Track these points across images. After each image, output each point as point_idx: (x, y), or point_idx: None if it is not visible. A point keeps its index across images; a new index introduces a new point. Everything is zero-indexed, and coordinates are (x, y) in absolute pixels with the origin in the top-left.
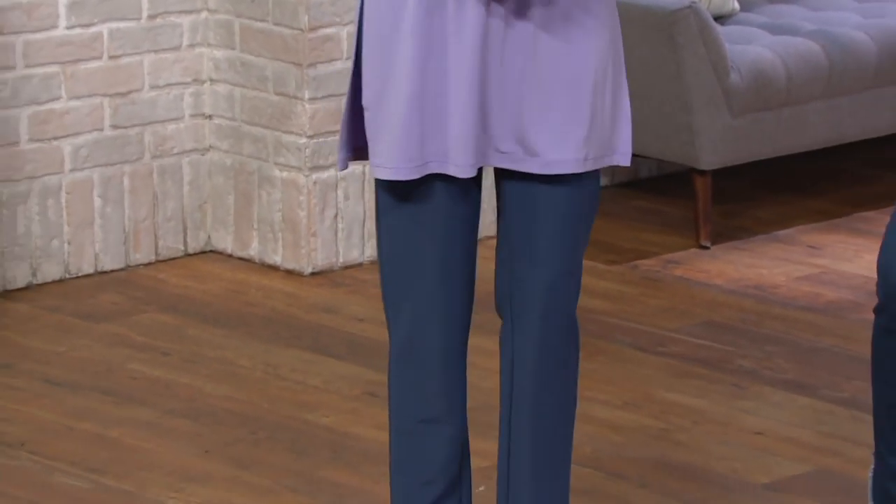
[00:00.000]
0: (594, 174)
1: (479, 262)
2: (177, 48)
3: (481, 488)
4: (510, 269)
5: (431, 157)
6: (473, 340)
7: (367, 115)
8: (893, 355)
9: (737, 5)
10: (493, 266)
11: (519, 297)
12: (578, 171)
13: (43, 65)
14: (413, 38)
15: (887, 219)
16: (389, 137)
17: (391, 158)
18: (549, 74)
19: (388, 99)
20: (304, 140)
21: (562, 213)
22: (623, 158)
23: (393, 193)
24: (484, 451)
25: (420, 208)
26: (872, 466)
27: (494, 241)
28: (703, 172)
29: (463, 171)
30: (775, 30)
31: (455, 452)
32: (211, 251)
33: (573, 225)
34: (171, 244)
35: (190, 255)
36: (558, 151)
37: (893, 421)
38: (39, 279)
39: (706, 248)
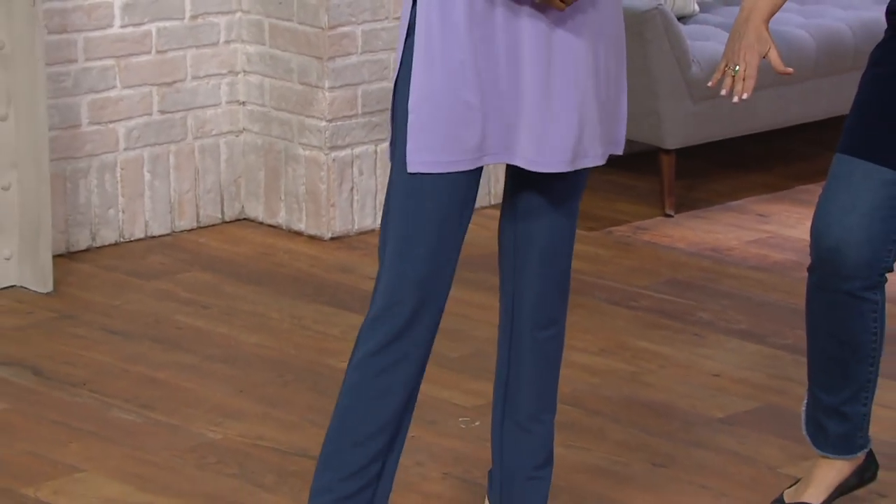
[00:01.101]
0: None
1: (471, 228)
2: (215, 44)
3: (476, 423)
4: (516, 230)
5: (492, 151)
6: (470, 296)
7: (411, 117)
8: (823, 308)
9: (696, 7)
10: (485, 233)
11: (525, 252)
12: (598, 164)
13: (100, 58)
14: (465, 45)
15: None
16: (449, 133)
17: (454, 151)
18: (581, 75)
19: (441, 100)
20: (324, 123)
21: (569, 193)
22: (619, 149)
23: (423, 178)
24: (479, 391)
25: (443, 191)
26: (805, 401)
27: (486, 211)
28: (667, 151)
29: (552, 166)
30: (729, 28)
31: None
32: (244, 219)
33: (574, 201)
34: (210, 213)
35: (226, 222)
36: (595, 146)
37: (822, 364)
38: (98, 243)
39: (670, 216)
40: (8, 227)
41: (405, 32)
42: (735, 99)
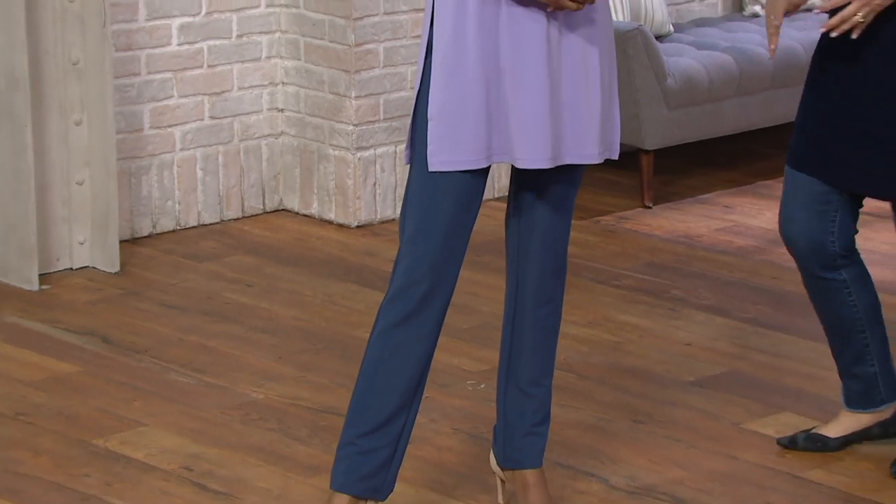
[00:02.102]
0: None
1: (479, 219)
2: (257, 59)
3: (481, 386)
4: (519, 220)
5: (496, 152)
6: (477, 276)
7: (431, 124)
8: (809, 290)
9: (671, 28)
10: (491, 222)
11: (527, 238)
12: (589, 163)
13: (160, 72)
14: (474, 64)
15: (781, 186)
16: (463, 137)
17: (467, 152)
18: (583, 79)
19: (455, 109)
20: (351, 128)
21: (565, 189)
22: (614, 154)
23: (438, 176)
24: (485, 358)
25: (454, 187)
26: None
27: (491, 203)
28: (646, 151)
29: (531, 164)
30: (700, 46)
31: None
32: (282, 210)
33: (570, 195)
34: (254, 204)
35: (267, 212)
36: (589, 147)
37: (827, 334)
38: (158, 230)
39: (649, 207)
40: (82, 217)
41: (424, 52)
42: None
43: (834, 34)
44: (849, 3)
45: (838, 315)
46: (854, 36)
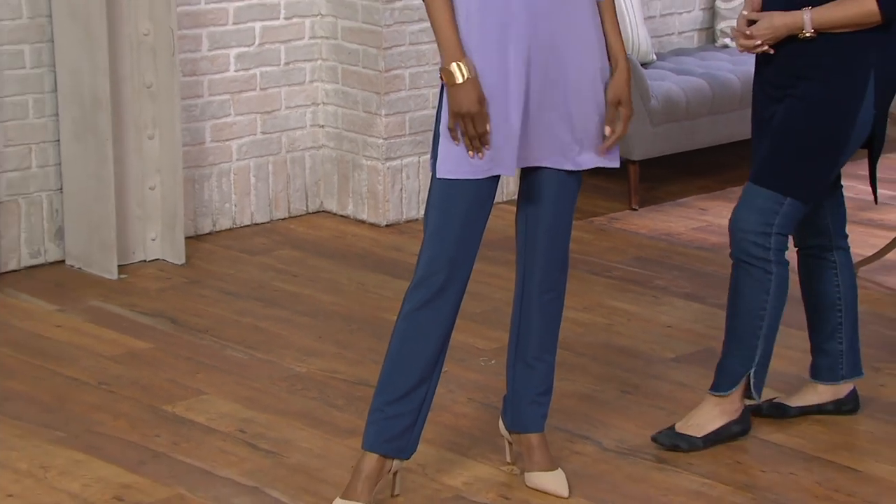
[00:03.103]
0: None
1: (490, 219)
2: (302, 83)
3: (492, 361)
4: (527, 219)
5: (497, 165)
6: (489, 268)
7: (441, 139)
8: (811, 270)
9: (655, 56)
10: (501, 222)
11: (533, 235)
12: (586, 168)
13: (219, 94)
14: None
15: None
16: (464, 152)
17: (467, 165)
18: (583, 94)
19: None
20: (381, 141)
21: (566, 192)
22: (614, 163)
23: (453, 183)
24: (495, 338)
25: (468, 193)
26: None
27: (501, 206)
28: (634, 162)
29: (511, 172)
30: (679, 72)
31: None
32: (323, 211)
33: (571, 197)
34: (298, 206)
35: (309, 213)
36: (587, 153)
37: (815, 313)
38: (217, 228)
39: (635, 210)
40: (153, 217)
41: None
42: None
43: (741, 50)
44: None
45: (822, 292)
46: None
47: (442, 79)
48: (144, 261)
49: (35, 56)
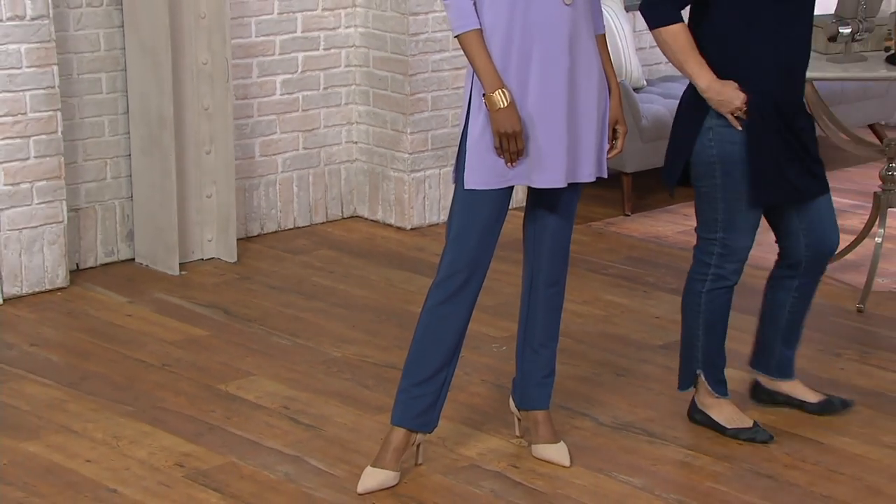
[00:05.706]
0: None
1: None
2: (338, 105)
3: (503, 348)
4: (534, 223)
5: (515, 177)
6: (501, 266)
7: (468, 153)
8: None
9: (645, 82)
10: (511, 226)
11: (540, 238)
12: (589, 181)
13: (267, 115)
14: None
15: None
16: (490, 165)
17: (494, 176)
18: (590, 115)
19: (487, 145)
20: (406, 156)
21: (569, 199)
22: (604, 173)
23: (474, 193)
24: (506, 327)
25: (486, 201)
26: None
27: (511, 212)
28: (627, 174)
29: (551, 184)
30: (666, 96)
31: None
32: (356, 216)
33: (573, 204)
34: (335, 212)
35: (344, 218)
36: (588, 168)
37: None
38: (265, 231)
39: (628, 215)
40: (210, 221)
41: (467, 103)
42: None
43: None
44: None
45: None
46: None
47: (486, 105)
48: (202, 259)
49: (110, 83)
